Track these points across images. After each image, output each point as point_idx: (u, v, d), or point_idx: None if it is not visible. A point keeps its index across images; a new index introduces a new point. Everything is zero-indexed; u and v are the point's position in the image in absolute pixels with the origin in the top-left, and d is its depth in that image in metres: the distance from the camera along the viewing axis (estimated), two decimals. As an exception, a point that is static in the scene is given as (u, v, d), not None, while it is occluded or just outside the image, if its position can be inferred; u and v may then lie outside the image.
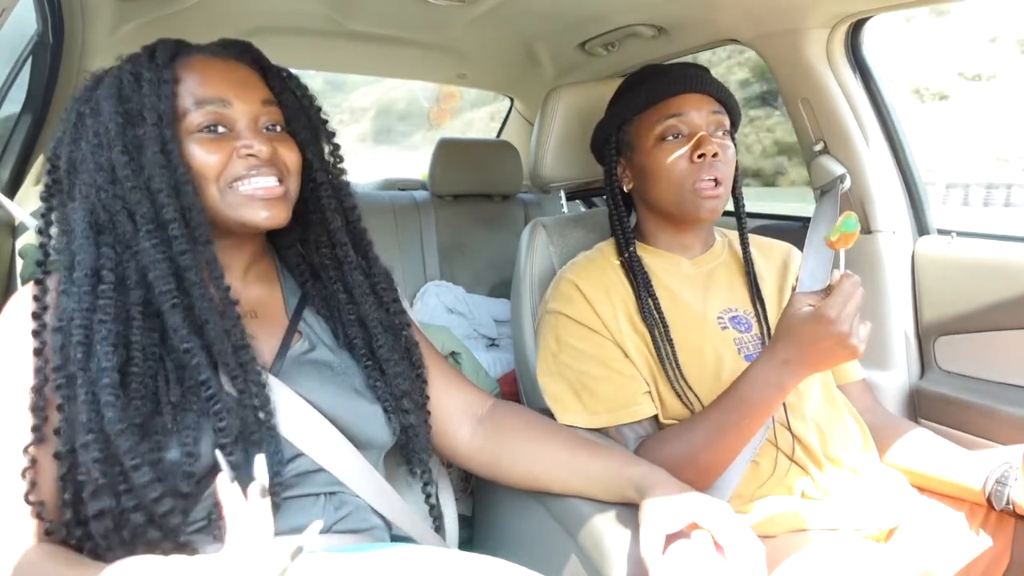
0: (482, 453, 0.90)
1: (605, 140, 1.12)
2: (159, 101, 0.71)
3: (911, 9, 1.16)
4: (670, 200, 1.02)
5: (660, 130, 1.01)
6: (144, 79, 0.72)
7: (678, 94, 1.02)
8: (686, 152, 0.99)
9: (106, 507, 0.63)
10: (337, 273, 0.85)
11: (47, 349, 0.67)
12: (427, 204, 2.23)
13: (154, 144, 0.70)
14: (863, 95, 1.35)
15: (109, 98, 0.72)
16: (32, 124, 1.59)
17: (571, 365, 1.01)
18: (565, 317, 1.02)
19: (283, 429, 0.73)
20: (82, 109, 0.74)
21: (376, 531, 0.81)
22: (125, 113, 0.71)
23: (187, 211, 0.71)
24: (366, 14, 1.60)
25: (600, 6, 1.46)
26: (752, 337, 1.04)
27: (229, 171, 0.74)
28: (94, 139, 0.72)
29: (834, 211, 1.26)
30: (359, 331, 0.84)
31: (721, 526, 0.68)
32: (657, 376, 0.99)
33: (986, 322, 1.24)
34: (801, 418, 0.98)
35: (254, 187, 0.75)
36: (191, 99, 0.74)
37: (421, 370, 0.90)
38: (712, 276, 1.09)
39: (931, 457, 1.01)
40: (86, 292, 0.67)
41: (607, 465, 0.81)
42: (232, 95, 0.75)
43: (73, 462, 0.64)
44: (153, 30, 1.54)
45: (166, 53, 0.75)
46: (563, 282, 1.06)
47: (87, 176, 0.71)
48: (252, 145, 0.74)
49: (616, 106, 1.12)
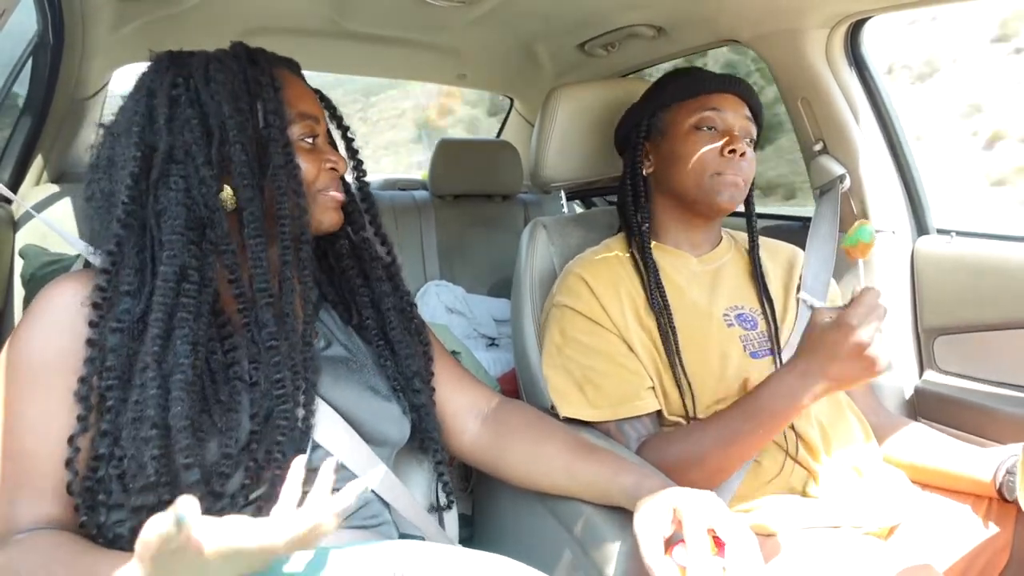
0: (486, 451, 0.91)
1: (635, 123, 1.14)
2: (281, 105, 0.75)
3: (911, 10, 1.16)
4: (692, 185, 1.04)
5: (696, 120, 1.05)
6: (258, 81, 0.75)
7: (719, 91, 1.07)
8: (718, 145, 1.03)
9: (150, 503, 0.63)
10: (355, 261, 0.90)
11: (104, 347, 0.66)
12: (427, 204, 2.23)
13: (277, 145, 0.74)
14: (862, 95, 1.35)
15: (223, 95, 0.73)
16: (32, 124, 1.59)
17: (575, 359, 1.01)
18: (571, 311, 1.03)
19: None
20: (175, 94, 0.73)
21: (385, 527, 0.82)
22: (240, 111, 0.73)
23: (299, 211, 0.75)
24: (366, 14, 1.60)
25: (600, 6, 1.46)
26: (758, 335, 1.04)
27: (320, 181, 0.80)
28: (199, 129, 0.72)
29: (834, 211, 1.26)
30: (372, 312, 0.89)
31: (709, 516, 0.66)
32: (662, 371, 1.00)
33: (986, 321, 1.24)
34: (805, 416, 0.98)
35: (333, 195, 0.82)
36: (293, 110, 0.78)
37: (428, 348, 0.93)
38: (719, 274, 1.10)
39: (936, 452, 1.02)
40: (171, 288, 0.67)
41: (599, 471, 0.81)
42: (318, 112, 0.83)
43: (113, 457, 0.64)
44: (153, 30, 1.55)
45: (268, 59, 0.80)
46: (571, 276, 1.06)
47: (189, 167, 0.71)
48: (336, 161, 0.82)
49: (654, 92, 1.15)
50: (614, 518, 0.79)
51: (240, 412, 0.69)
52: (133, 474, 0.63)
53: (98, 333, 0.66)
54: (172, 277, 0.67)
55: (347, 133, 0.89)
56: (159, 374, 0.64)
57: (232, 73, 0.75)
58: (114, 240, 0.69)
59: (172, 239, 0.68)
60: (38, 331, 0.67)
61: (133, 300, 0.67)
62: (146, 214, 0.70)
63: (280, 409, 0.70)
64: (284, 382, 0.70)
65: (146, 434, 0.63)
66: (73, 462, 0.64)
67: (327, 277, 0.91)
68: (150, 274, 0.68)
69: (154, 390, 0.64)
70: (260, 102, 0.75)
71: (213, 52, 0.78)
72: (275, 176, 0.73)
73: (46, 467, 0.65)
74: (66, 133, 1.76)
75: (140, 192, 0.70)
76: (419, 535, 0.86)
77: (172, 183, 0.70)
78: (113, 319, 0.66)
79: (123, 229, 0.69)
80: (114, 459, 0.63)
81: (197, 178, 0.70)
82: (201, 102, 0.73)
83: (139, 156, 0.70)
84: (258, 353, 0.72)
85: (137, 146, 0.70)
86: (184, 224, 0.69)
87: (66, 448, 0.65)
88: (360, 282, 0.89)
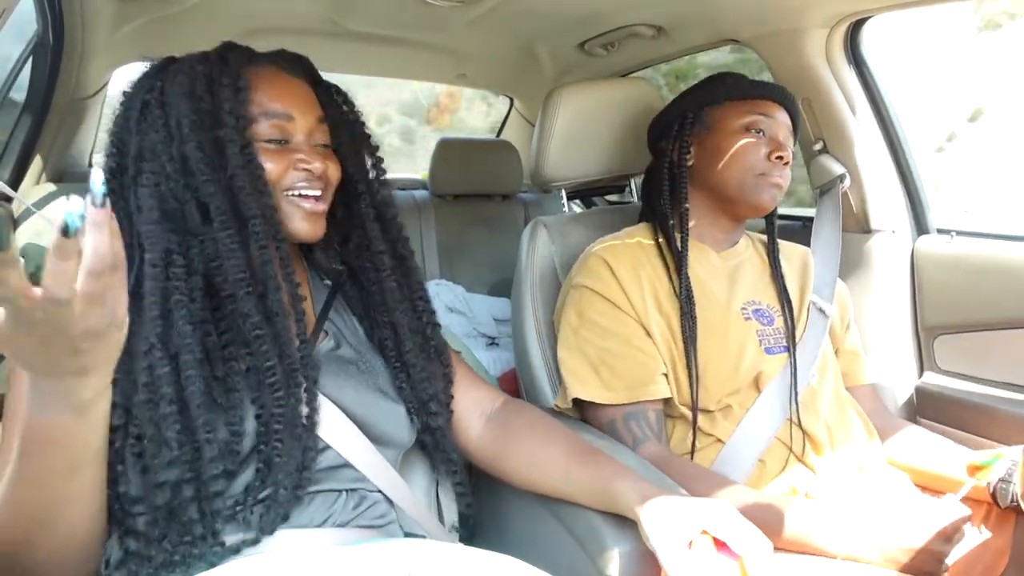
0: (488, 451, 0.91)
1: (681, 114, 1.14)
2: (238, 106, 0.75)
3: (910, 10, 1.16)
4: (735, 183, 1.07)
5: (748, 121, 1.08)
6: (220, 83, 0.75)
7: (772, 99, 1.10)
8: (766, 150, 1.06)
9: (174, 478, 0.65)
10: (375, 276, 0.88)
11: None
12: (427, 204, 2.23)
13: (235, 146, 0.74)
14: (862, 95, 1.35)
15: (181, 95, 0.74)
16: (32, 124, 1.59)
17: (592, 340, 1.01)
18: (591, 292, 1.03)
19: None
20: (147, 98, 0.76)
21: (391, 527, 0.82)
22: (197, 111, 0.74)
23: (267, 210, 0.75)
24: (365, 14, 1.60)
25: (600, 6, 1.46)
26: (774, 331, 1.05)
27: (284, 180, 0.78)
28: (163, 131, 0.74)
29: (835, 210, 1.26)
30: (390, 334, 0.88)
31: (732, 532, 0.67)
32: (676, 360, 1.00)
33: (986, 321, 1.24)
34: (815, 416, 0.98)
35: (301, 199, 0.79)
36: (259, 109, 0.78)
37: (448, 370, 0.92)
38: (738, 270, 1.11)
39: (934, 456, 1.02)
40: (159, 272, 0.69)
41: (596, 476, 0.81)
42: (295, 111, 0.80)
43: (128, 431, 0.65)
44: (153, 31, 1.55)
45: (240, 59, 0.79)
46: (592, 258, 1.07)
47: (155, 164, 0.73)
48: (309, 161, 0.79)
49: (703, 89, 1.16)
50: (615, 519, 0.79)
51: (241, 392, 0.71)
52: (153, 453, 0.64)
53: None
54: (159, 262, 0.69)
55: (363, 131, 0.88)
56: (166, 354, 0.66)
57: (196, 74, 0.76)
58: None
59: (150, 228, 0.71)
60: None
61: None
62: (129, 208, 0.73)
63: (274, 398, 0.71)
64: (275, 370, 0.71)
65: (165, 410, 0.65)
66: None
67: (356, 293, 0.91)
68: (139, 260, 0.70)
69: (166, 368, 0.66)
70: (219, 101, 0.75)
71: (196, 54, 0.79)
72: (234, 176, 0.73)
73: None
74: (66, 133, 1.76)
75: (121, 188, 0.74)
76: (422, 534, 0.86)
77: (143, 179, 0.73)
78: None
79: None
80: (130, 435, 0.65)
81: (164, 174, 0.73)
82: (165, 103, 0.75)
83: (114, 153, 0.75)
84: (249, 341, 0.73)
85: (113, 143, 0.76)
86: (159, 216, 0.71)
87: None
88: (379, 300, 0.88)
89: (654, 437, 0.97)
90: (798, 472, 0.96)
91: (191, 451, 0.66)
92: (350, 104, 0.88)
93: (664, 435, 0.99)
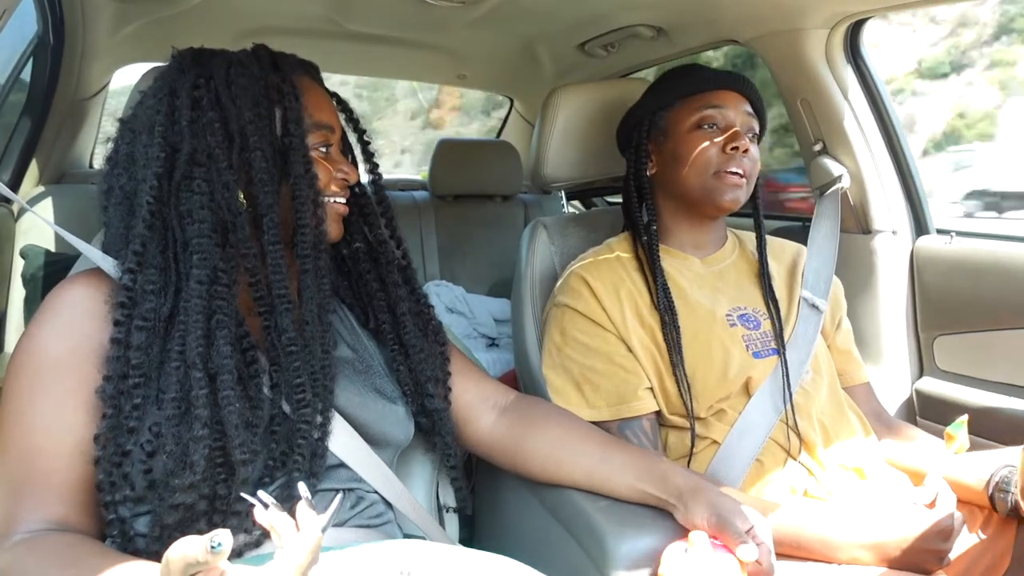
0: (506, 440, 0.92)
1: (636, 123, 1.14)
2: (301, 114, 0.75)
3: (910, 10, 1.17)
4: (695, 185, 1.04)
5: (698, 118, 1.05)
6: (279, 89, 0.75)
7: (720, 89, 1.07)
8: (720, 142, 1.03)
9: (190, 501, 0.64)
10: (372, 264, 0.91)
11: (130, 345, 0.66)
12: (427, 204, 2.23)
13: (298, 155, 0.74)
14: (862, 95, 1.35)
15: (244, 100, 0.73)
16: (32, 124, 1.59)
17: (575, 358, 1.01)
18: (572, 311, 1.03)
19: None
20: (197, 96, 0.72)
21: (388, 527, 0.82)
22: (262, 118, 0.73)
23: (318, 220, 0.76)
24: (366, 15, 1.60)
25: (600, 7, 1.46)
26: (761, 335, 1.04)
27: (329, 189, 0.80)
28: (221, 134, 0.72)
29: (835, 209, 1.26)
30: (388, 317, 0.89)
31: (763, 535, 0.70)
32: (663, 370, 1.00)
33: (985, 322, 1.24)
34: (807, 418, 0.98)
35: (336, 205, 0.81)
36: (310, 119, 0.78)
37: (445, 349, 0.93)
38: (722, 275, 1.10)
39: (934, 457, 1.02)
40: (205, 291, 0.67)
41: (640, 455, 0.83)
42: (334, 121, 0.82)
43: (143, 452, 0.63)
44: (153, 31, 1.55)
45: (290, 66, 0.79)
46: (572, 276, 1.07)
47: (210, 170, 0.71)
48: (348, 172, 0.82)
49: (655, 92, 1.14)
50: (614, 518, 0.79)
51: (263, 410, 0.70)
52: (171, 472, 0.63)
53: (123, 331, 0.66)
54: (206, 279, 0.68)
55: (363, 137, 0.90)
56: (205, 374, 0.65)
57: (253, 78, 0.75)
58: (139, 240, 0.69)
59: (201, 242, 0.68)
60: (49, 330, 0.68)
61: (158, 299, 0.68)
62: (169, 214, 0.70)
63: (300, 413, 0.70)
64: (304, 387, 0.71)
65: (198, 433, 0.63)
66: (101, 460, 0.64)
67: (344, 281, 0.92)
68: (174, 274, 0.69)
69: (204, 389, 0.64)
70: (280, 109, 0.75)
71: (235, 53, 0.78)
72: (296, 185, 0.73)
73: (54, 464, 0.65)
74: (66, 133, 1.76)
75: (163, 193, 0.71)
76: (420, 535, 0.86)
77: (195, 186, 0.70)
78: (139, 317, 0.67)
79: (148, 229, 0.69)
80: (143, 455, 0.63)
81: (220, 182, 0.71)
82: (222, 105, 0.73)
83: (162, 156, 0.71)
84: (278, 357, 0.72)
85: (160, 146, 0.71)
86: (210, 227, 0.69)
87: (76, 446, 0.65)
88: (377, 286, 0.90)
89: (650, 445, 0.97)
90: (796, 472, 0.96)
91: (224, 472, 0.65)
92: (349, 109, 0.89)
93: (659, 442, 0.99)
